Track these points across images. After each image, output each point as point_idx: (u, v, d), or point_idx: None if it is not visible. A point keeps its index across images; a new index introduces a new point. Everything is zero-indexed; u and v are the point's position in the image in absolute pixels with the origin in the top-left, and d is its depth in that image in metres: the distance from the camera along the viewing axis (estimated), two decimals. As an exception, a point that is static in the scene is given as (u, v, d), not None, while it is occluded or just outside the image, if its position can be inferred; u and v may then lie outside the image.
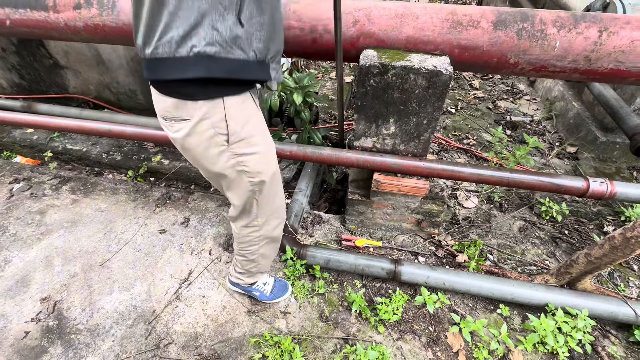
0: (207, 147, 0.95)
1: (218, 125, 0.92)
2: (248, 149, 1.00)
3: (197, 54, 0.79)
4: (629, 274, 1.75)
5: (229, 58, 0.82)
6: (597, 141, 2.37)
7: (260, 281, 1.50)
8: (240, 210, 1.17)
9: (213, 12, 0.77)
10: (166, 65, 0.81)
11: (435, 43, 1.33)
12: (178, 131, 0.94)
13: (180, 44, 0.78)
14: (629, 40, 1.20)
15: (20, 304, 1.56)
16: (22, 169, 2.32)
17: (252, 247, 1.31)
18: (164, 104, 0.90)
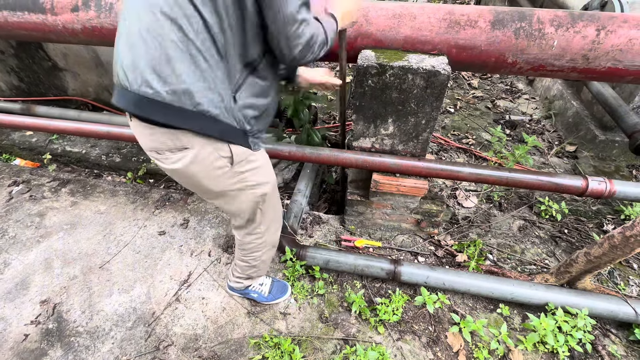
0: (210, 171, 0.96)
1: (221, 148, 0.93)
2: (249, 165, 1.02)
3: (200, 112, 0.85)
4: (629, 273, 1.74)
5: (224, 122, 0.90)
6: (596, 140, 2.37)
7: (256, 282, 1.51)
8: (241, 220, 1.19)
9: (219, 83, 0.86)
10: (164, 110, 0.83)
11: (433, 43, 1.33)
12: (177, 162, 0.93)
13: (189, 97, 0.83)
14: (627, 38, 1.20)
15: (20, 306, 1.55)
16: (22, 171, 2.32)
17: (256, 254, 1.32)
18: (155, 136, 0.89)
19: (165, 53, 0.79)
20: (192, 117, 0.85)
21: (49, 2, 1.56)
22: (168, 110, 0.83)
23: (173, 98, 0.82)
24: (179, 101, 0.83)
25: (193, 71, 0.81)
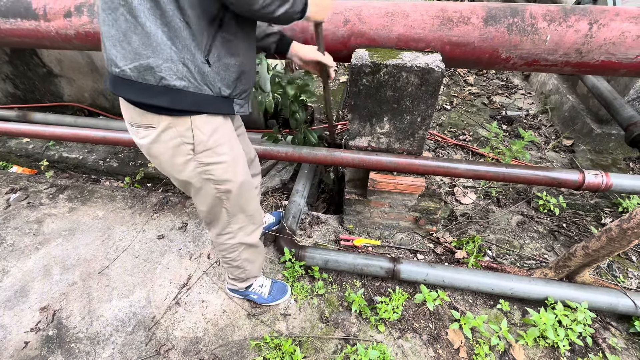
0: (172, 155, 0.95)
1: (184, 134, 0.92)
2: (214, 158, 0.99)
3: (165, 86, 0.84)
4: (627, 265, 1.75)
5: (196, 93, 0.87)
6: (593, 133, 2.37)
7: (255, 284, 1.50)
8: (208, 217, 1.18)
9: (185, 50, 0.82)
10: (133, 88, 0.84)
11: (427, 40, 1.33)
12: (144, 138, 0.94)
13: (151, 72, 0.82)
14: (619, 32, 1.20)
15: (20, 314, 1.55)
16: (19, 178, 2.32)
17: (232, 254, 1.30)
18: (130, 111, 0.92)
19: (121, 28, 0.78)
20: (159, 93, 0.84)
21: (41, 9, 1.56)
22: (135, 87, 0.83)
23: (137, 75, 0.82)
24: (143, 78, 0.82)
25: (149, 44, 0.79)
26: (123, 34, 0.79)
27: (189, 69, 0.84)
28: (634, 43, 1.20)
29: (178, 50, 0.81)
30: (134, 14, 0.76)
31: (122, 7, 0.77)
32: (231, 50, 0.91)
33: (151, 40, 0.79)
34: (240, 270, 1.38)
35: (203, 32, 0.83)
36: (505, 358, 1.39)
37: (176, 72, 0.83)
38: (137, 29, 0.78)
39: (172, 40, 0.80)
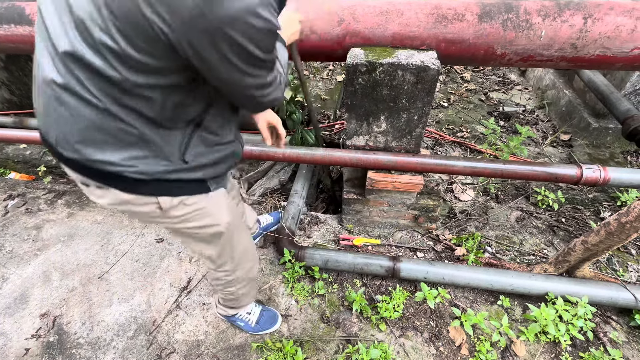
0: (139, 215, 0.87)
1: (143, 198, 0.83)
2: (187, 209, 0.88)
3: (129, 177, 0.76)
4: (627, 259, 1.75)
5: (164, 179, 0.80)
6: (590, 127, 2.38)
7: (243, 311, 1.43)
8: (206, 258, 1.11)
9: (162, 149, 0.76)
10: (87, 172, 0.77)
11: (422, 38, 1.33)
12: (101, 197, 0.83)
13: (109, 165, 0.74)
14: (614, 25, 1.20)
15: (20, 321, 1.55)
16: (17, 184, 2.31)
17: (230, 289, 1.25)
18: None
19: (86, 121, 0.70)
20: (115, 178, 0.76)
21: (35, 14, 1.55)
22: (89, 172, 0.77)
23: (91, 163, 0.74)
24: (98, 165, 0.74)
25: (116, 147, 0.72)
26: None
27: (164, 166, 0.78)
28: (629, 37, 1.20)
29: (149, 151, 0.75)
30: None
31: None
32: (210, 144, 0.84)
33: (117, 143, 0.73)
34: (234, 301, 1.34)
35: (178, 134, 0.77)
36: (507, 354, 1.39)
37: (144, 170, 0.76)
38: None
39: (142, 140, 0.73)
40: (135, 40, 0.58)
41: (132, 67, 0.61)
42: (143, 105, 0.68)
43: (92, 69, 0.63)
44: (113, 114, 0.68)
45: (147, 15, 0.54)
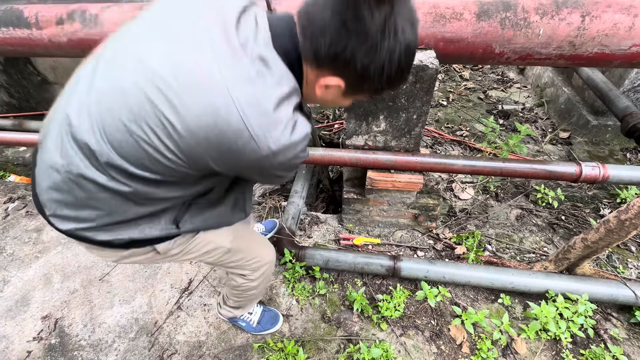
0: (143, 262, 0.89)
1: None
2: (186, 245, 0.90)
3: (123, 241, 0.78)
4: (627, 256, 1.75)
5: (157, 237, 0.81)
6: (589, 125, 2.38)
7: (245, 311, 1.42)
8: (227, 271, 1.14)
9: (157, 216, 0.77)
10: (80, 240, 0.79)
11: (420, 37, 1.33)
12: (101, 255, 0.85)
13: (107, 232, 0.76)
14: (612, 23, 1.20)
15: (21, 323, 1.55)
16: (17, 187, 2.31)
17: (251, 292, 1.24)
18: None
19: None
20: (107, 244, 0.78)
21: (33, 17, 1.55)
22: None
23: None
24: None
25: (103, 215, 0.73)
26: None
27: (156, 229, 0.79)
28: (627, 34, 1.21)
29: (139, 218, 0.76)
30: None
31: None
32: (207, 208, 0.84)
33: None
34: (247, 302, 1.33)
35: (176, 207, 0.79)
36: (508, 352, 1.39)
37: (132, 233, 0.78)
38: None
39: (133, 210, 0.75)
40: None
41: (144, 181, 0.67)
42: (147, 196, 0.70)
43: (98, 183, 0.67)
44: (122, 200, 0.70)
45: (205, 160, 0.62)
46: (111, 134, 0.61)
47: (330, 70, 0.61)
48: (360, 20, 0.53)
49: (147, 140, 0.59)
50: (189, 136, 0.57)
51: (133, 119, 0.59)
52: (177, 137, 0.58)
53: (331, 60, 0.59)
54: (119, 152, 0.62)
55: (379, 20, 0.53)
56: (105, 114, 0.61)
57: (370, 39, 0.54)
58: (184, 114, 0.56)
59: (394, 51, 0.56)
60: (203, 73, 0.56)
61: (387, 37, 0.55)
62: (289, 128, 0.60)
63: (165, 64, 0.57)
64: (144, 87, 0.57)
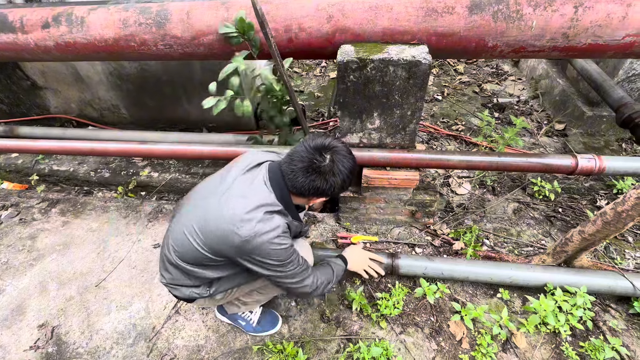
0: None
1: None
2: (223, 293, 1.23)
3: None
4: (624, 247, 1.75)
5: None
6: (584, 116, 2.37)
7: (247, 309, 1.42)
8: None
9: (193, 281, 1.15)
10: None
11: (412, 33, 1.32)
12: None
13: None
14: (605, 13, 1.19)
15: (18, 333, 1.53)
16: (9, 194, 2.28)
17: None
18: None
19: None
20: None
21: (18, 21, 1.52)
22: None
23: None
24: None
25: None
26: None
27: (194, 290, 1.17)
28: (620, 24, 1.20)
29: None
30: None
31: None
32: (240, 280, 1.20)
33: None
34: (253, 303, 1.38)
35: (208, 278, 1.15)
36: (508, 346, 1.39)
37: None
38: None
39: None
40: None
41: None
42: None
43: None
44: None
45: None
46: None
47: (315, 196, 1.06)
48: (317, 166, 0.98)
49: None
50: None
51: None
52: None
53: (312, 193, 1.01)
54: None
55: (328, 163, 0.98)
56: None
57: (327, 174, 0.98)
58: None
59: (344, 176, 1.01)
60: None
61: (337, 169, 0.99)
62: (256, 224, 0.95)
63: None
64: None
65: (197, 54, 1.50)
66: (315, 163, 0.97)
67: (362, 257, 1.45)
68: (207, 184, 1.14)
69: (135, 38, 1.46)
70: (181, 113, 2.58)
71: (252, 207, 0.97)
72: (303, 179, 0.97)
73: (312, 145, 0.98)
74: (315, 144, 0.98)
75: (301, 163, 0.98)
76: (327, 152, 0.98)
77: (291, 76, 3.55)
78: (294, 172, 0.98)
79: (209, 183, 1.13)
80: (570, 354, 1.34)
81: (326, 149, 0.98)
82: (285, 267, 1.03)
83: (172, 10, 1.43)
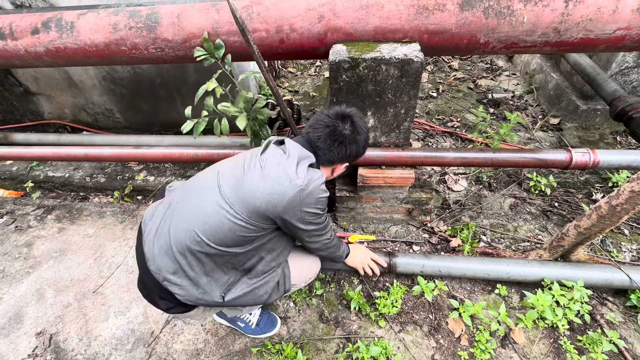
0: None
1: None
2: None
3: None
4: (620, 239, 1.76)
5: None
6: (579, 110, 2.38)
7: (246, 311, 1.40)
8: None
9: (208, 285, 1.08)
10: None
11: (404, 31, 1.31)
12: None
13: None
14: (596, 7, 1.19)
15: (15, 341, 1.52)
16: (4, 202, 2.27)
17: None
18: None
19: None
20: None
21: (7, 27, 1.51)
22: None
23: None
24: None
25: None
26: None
27: (202, 296, 1.07)
28: (611, 18, 1.20)
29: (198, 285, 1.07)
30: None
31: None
32: (250, 289, 1.13)
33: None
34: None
35: (229, 277, 1.10)
36: (506, 342, 1.39)
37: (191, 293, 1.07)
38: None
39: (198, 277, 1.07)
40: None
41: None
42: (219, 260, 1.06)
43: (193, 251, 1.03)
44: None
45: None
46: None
47: (341, 162, 1.11)
48: (340, 131, 1.04)
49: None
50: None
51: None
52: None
53: (339, 158, 1.07)
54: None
55: (349, 126, 1.05)
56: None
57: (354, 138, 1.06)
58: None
59: (365, 135, 1.09)
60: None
61: (359, 128, 1.06)
62: (306, 173, 0.99)
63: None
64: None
65: (189, 57, 1.49)
66: (338, 128, 1.03)
67: (364, 255, 1.45)
68: (209, 170, 1.12)
69: (126, 42, 1.45)
70: (176, 116, 2.57)
71: (295, 163, 0.99)
72: (330, 142, 1.03)
73: (333, 113, 1.05)
74: (335, 112, 1.05)
75: (327, 129, 1.03)
76: (346, 117, 1.04)
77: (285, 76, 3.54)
78: (320, 139, 1.03)
79: (214, 168, 1.11)
80: (569, 348, 1.34)
81: (345, 116, 1.04)
82: (324, 218, 1.09)
83: (163, 14, 1.42)
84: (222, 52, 1.39)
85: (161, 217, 1.09)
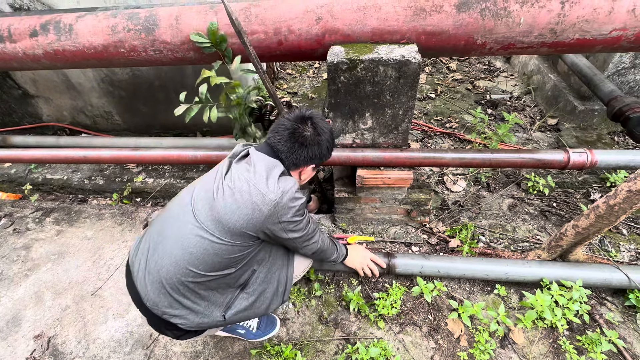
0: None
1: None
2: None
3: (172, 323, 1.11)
4: (619, 239, 1.76)
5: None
6: (576, 110, 2.39)
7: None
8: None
9: (208, 308, 1.09)
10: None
11: (401, 32, 1.32)
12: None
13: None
14: (592, 8, 1.20)
15: (13, 344, 1.52)
16: (3, 205, 2.26)
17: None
18: None
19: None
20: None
21: (5, 30, 1.51)
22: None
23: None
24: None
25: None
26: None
27: (204, 319, 1.09)
28: (607, 18, 1.20)
29: (197, 310, 1.08)
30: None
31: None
32: (249, 304, 1.14)
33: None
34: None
35: (227, 296, 1.11)
36: (506, 342, 1.39)
37: (191, 320, 1.08)
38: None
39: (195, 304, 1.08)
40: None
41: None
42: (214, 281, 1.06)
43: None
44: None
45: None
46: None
47: (306, 164, 1.09)
48: (301, 133, 1.03)
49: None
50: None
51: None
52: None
53: (303, 160, 1.06)
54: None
55: (310, 127, 1.04)
56: None
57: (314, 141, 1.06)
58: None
59: (327, 135, 1.08)
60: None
61: (320, 129, 1.06)
62: (277, 184, 0.98)
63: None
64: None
65: (187, 59, 1.50)
66: (299, 131, 1.02)
67: (363, 256, 1.46)
68: (183, 196, 1.11)
69: (124, 44, 1.45)
70: (175, 118, 2.56)
71: (264, 177, 0.98)
72: (290, 145, 1.02)
73: (292, 117, 1.05)
74: (295, 115, 1.05)
75: (287, 131, 1.03)
76: (306, 119, 1.05)
77: (284, 78, 3.55)
78: (280, 142, 1.03)
79: (189, 193, 1.09)
80: (568, 348, 1.34)
81: (305, 118, 1.05)
82: (305, 223, 1.08)
83: (161, 16, 1.42)
84: (225, 45, 1.39)
85: (146, 253, 1.08)
